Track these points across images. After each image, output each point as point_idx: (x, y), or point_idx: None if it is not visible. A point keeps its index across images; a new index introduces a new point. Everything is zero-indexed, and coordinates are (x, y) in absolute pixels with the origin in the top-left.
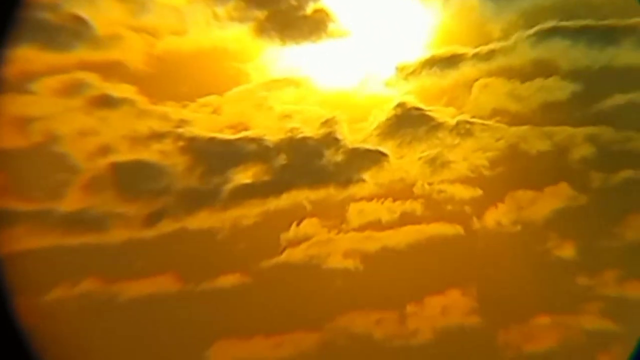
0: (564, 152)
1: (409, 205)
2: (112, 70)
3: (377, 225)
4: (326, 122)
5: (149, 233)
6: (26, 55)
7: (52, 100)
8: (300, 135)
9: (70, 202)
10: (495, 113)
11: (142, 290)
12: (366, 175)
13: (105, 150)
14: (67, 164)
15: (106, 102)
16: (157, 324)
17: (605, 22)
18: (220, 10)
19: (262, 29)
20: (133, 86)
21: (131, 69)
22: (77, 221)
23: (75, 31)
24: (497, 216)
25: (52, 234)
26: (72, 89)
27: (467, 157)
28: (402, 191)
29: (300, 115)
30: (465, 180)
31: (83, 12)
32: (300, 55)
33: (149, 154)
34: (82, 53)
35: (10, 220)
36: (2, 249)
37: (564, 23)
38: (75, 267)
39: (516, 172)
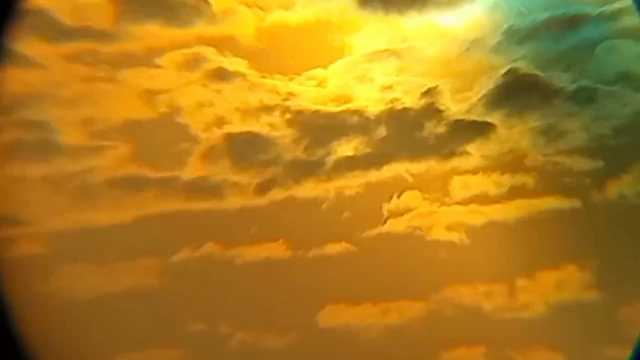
0: None
1: (519, 179)
2: (226, 45)
3: (483, 199)
4: (427, 92)
5: (261, 201)
6: (152, 31)
7: (175, 74)
8: (400, 107)
9: (191, 171)
10: (620, 78)
11: (256, 255)
12: (471, 148)
13: (220, 121)
14: (189, 134)
15: (221, 75)
16: (270, 287)
17: None
18: None
19: (365, 0)
20: (244, 60)
21: (243, 44)
22: (197, 188)
23: (194, 7)
24: (620, 188)
25: (176, 200)
26: (193, 63)
27: (587, 126)
28: (511, 164)
29: (402, 86)
30: (584, 151)
31: None
32: (403, 25)
33: (259, 125)
34: (200, 28)
35: (139, 186)
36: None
37: None
38: (197, 232)
39: None
